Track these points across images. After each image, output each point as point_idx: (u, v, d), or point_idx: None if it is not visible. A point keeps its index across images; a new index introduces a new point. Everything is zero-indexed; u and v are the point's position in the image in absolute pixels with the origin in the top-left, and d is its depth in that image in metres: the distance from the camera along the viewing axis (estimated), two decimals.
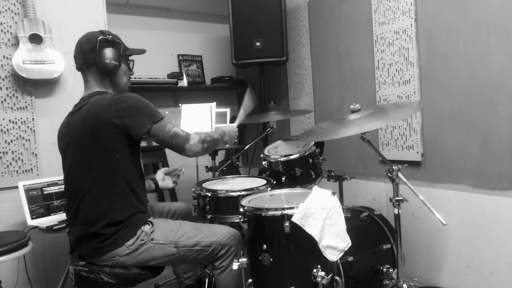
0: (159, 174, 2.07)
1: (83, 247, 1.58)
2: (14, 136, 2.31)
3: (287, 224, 1.42)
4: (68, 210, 1.65)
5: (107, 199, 1.54)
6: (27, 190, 2.09)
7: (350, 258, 1.84)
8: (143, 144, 1.64)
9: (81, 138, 1.56)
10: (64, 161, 1.66)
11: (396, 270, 1.77)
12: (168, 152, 3.20)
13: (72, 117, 1.64)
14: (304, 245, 1.46)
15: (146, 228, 1.58)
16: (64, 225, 1.93)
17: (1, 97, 2.28)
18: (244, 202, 1.65)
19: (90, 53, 1.63)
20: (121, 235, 1.53)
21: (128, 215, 1.56)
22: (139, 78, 3.16)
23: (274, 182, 1.99)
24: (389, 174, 1.60)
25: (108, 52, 1.63)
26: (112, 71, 1.65)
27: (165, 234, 1.61)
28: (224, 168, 2.62)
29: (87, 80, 1.69)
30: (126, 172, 1.57)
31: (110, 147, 1.53)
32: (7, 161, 2.29)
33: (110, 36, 1.66)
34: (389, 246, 2.03)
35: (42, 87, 2.38)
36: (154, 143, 2.00)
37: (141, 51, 1.83)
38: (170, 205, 2.01)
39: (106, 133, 1.52)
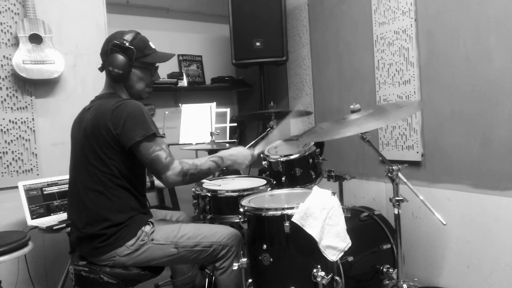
0: None
1: (83, 246, 1.58)
2: (14, 136, 2.31)
3: (287, 224, 1.42)
4: (70, 211, 1.65)
5: (108, 202, 1.54)
6: (27, 190, 2.09)
7: (350, 258, 1.84)
8: None
9: (84, 140, 1.57)
10: (72, 158, 1.67)
11: (396, 270, 1.77)
12: None
13: (84, 115, 1.64)
14: (304, 245, 1.46)
15: (147, 228, 1.58)
16: (64, 225, 1.93)
17: (1, 97, 2.28)
18: (244, 202, 1.64)
19: (104, 56, 1.65)
20: (122, 235, 1.54)
21: (128, 217, 1.56)
22: None
23: (274, 182, 1.99)
24: (389, 174, 1.60)
25: (115, 59, 1.58)
26: (115, 79, 1.61)
27: (166, 234, 1.61)
28: (224, 168, 2.61)
29: (106, 79, 1.70)
30: (126, 177, 1.57)
31: (109, 152, 1.53)
32: (7, 161, 2.29)
33: (126, 42, 1.60)
34: (389, 246, 2.03)
35: (42, 87, 2.38)
36: None
37: (166, 58, 1.73)
38: (171, 214, 2.01)
39: (104, 138, 1.52)
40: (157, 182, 2.03)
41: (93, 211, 1.54)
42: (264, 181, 1.99)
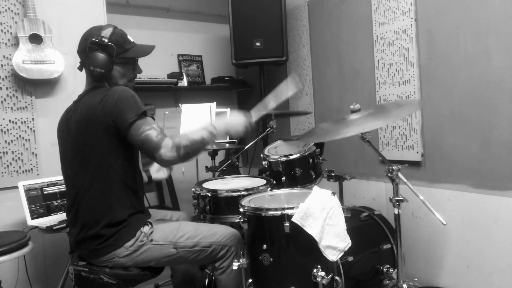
0: (155, 165, 2.05)
1: (82, 248, 1.58)
2: (14, 136, 2.31)
3: (287, 224, 1.42)
4: (69, 211, 1.65)
5: (105, 199, 1.54)
6: (27, 190, 2.09)
7: (350, 258, 1.84)
8: None
9: (77, 139, 1.55)
10: (62, 160, 1.66)
11: (396, 270, 1.77)
12: None
13: (69, 115, 1.62)
14: (304, 245, 1.46)
15: (145, 229, 1.58)
16: (64, 225, 1.94)
17: (1, 97, 2.28)
18: (244, 202, 1.65)
19: (82, 54, 1.61)
20: (121, 236, 1.53)
21: (126, 215, 1.55)
22: (139, 78, 3.15)
23: (274, 182, 1.99)
24: (389, 174, 1.60)
25: (95, 58, 1.54)
26: (97, 78, 1.58)
27: (165, 235, 1.60)
28: (224, 168, 2.62)
29: (87, 77, 1.67)
30: (123, 172, 1.56)
31: (105, 147, 1.52)
32: (7, 161, 2.29)
33: (104, 39, 1.56)
34: (389, 246, 2.03)
35: (42, 87, 2.38)
36: None
37: (147, 51, 1.71)
38: (171, 214, 2.01)
39: (99, 133, 1.50)
40: (155, 176, 2.03)
41: (92, 211, 1.54)
42: (264, 181, 1.99)
